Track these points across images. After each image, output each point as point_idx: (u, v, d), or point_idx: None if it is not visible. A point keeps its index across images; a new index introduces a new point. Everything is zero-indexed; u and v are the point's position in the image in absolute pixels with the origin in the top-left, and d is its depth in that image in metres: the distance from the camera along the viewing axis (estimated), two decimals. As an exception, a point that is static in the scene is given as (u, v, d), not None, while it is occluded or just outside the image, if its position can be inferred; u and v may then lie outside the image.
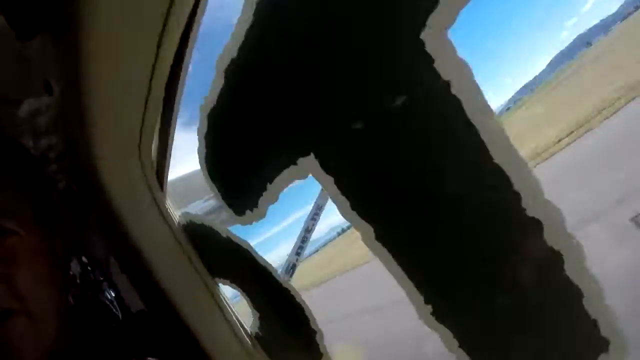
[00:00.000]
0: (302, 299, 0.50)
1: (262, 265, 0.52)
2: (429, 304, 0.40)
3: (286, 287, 0.51)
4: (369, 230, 0.42)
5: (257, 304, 0.59)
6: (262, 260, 0.52)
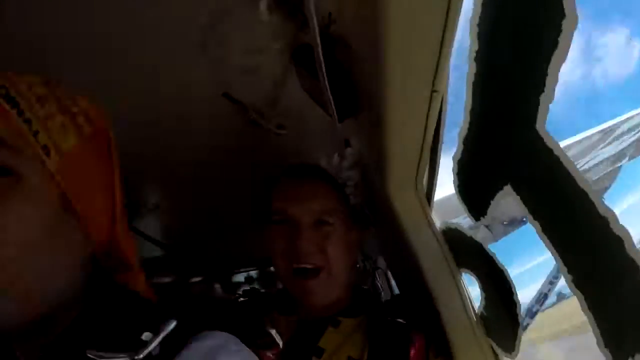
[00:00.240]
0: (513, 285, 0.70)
1: (494, 260, 0.72)
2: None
3: (505, 275, 0.70)
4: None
5: (485, 288, 0.79)
6: (490, 254, 0.73)
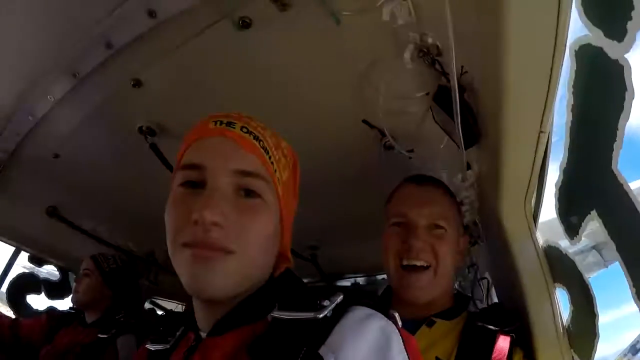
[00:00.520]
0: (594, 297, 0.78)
1: (582, 275, 0.82)
2: None
3: (590, 289, 0.79)
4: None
5: (574, 301, 0.87)
6: (583, 272, 0.82)
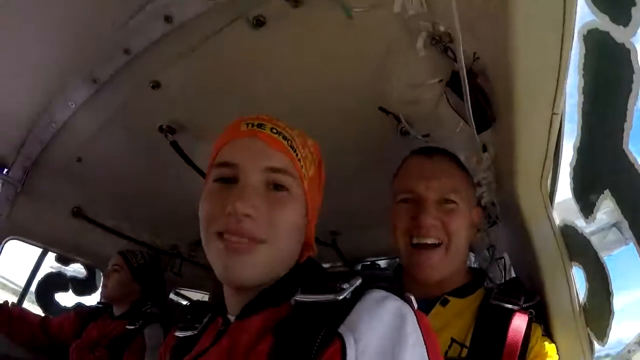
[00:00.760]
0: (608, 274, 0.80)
1: (597, 254, 0.82)
2: None
3: (605, 268, 0.80)
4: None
5: (590, 279, 0.86)
6: (598, 251, 0.82)
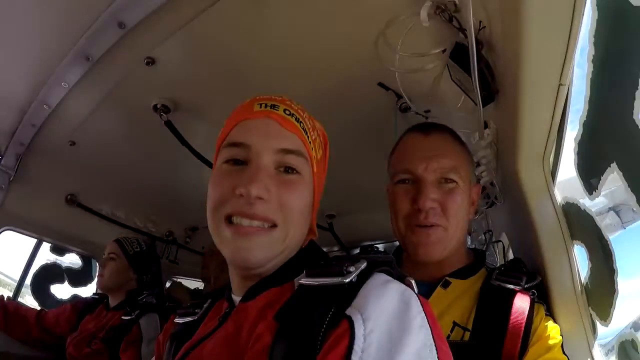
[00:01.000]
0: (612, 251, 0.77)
1: (602, 232, 0.81)
2: None
3: (609, 245, 0.78)
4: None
5: (592, 258, 0.86)
6: (602, 228, 0.81)
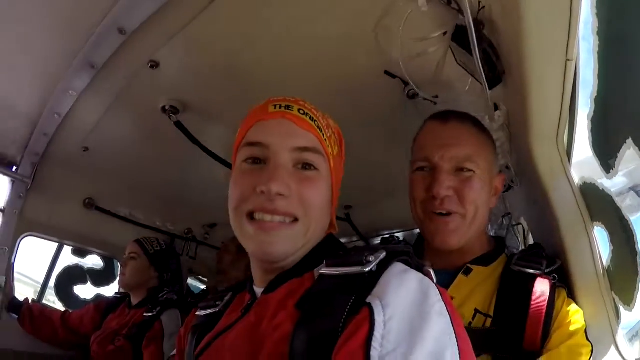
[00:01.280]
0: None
1: (622, 212, 0.79)
2: None
3: (630, 225, 0.77)
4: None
5: (614, 240, 0.85)
6: (622, 208, 0.79)
